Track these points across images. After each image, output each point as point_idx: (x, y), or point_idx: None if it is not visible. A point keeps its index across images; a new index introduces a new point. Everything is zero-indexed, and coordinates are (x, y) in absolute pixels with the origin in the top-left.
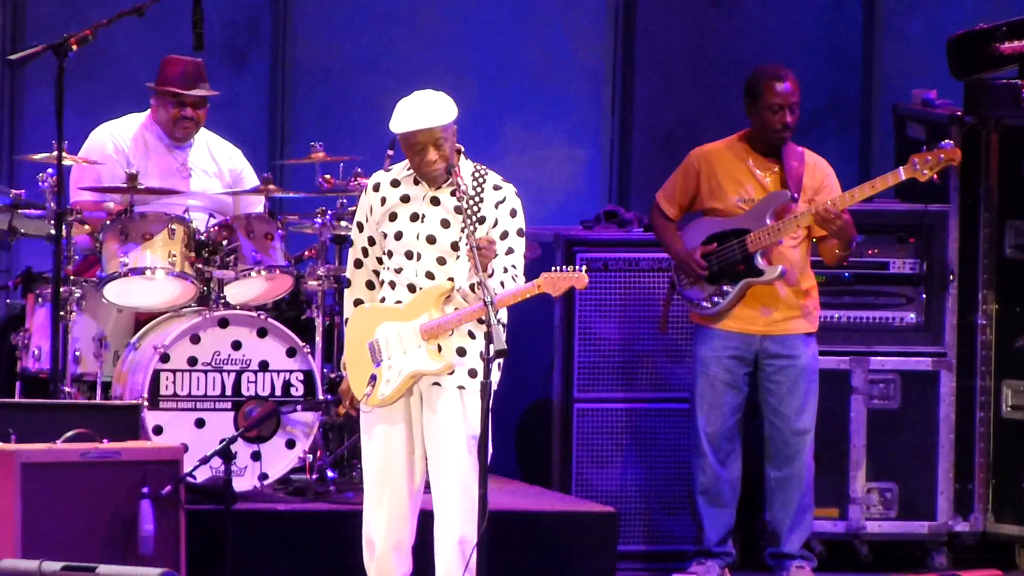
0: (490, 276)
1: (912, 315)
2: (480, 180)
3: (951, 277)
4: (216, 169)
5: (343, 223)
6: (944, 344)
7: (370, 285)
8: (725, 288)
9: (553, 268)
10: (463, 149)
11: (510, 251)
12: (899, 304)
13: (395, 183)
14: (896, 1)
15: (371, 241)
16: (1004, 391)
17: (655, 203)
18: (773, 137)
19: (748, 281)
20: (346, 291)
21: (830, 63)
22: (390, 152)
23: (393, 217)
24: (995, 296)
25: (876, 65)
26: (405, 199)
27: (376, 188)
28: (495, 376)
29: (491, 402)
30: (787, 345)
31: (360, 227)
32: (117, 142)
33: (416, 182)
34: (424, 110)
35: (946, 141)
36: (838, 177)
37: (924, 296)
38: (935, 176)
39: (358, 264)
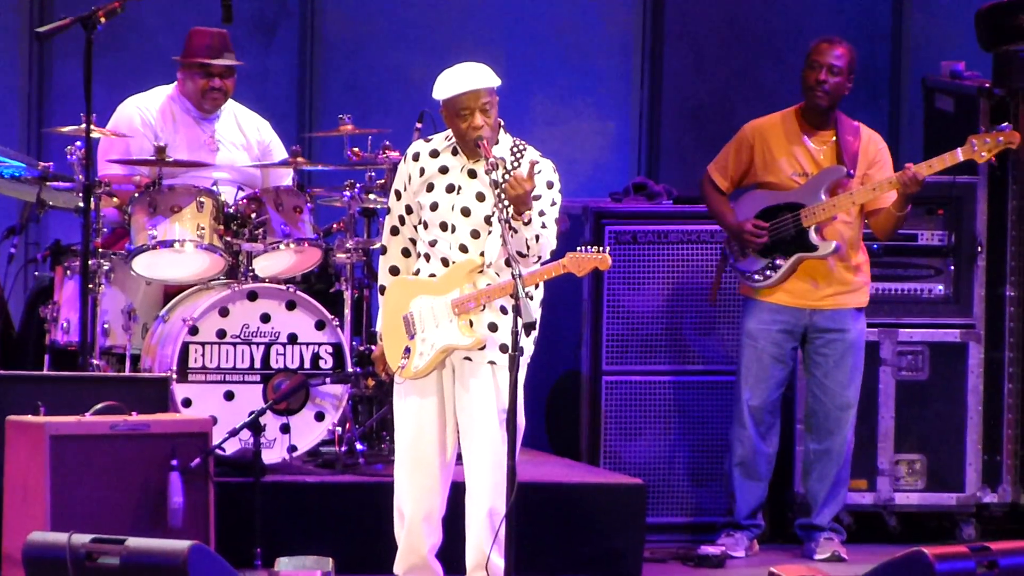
0: (527, 224)
1: (940, 287)
2: (518, 155)
3: (979, 249)
4: (244, 141)
5: (372, 196)
6: (972, 316)
7: (406, 252)
8: (778, 262)
9: (579, 248)
10: (503, 123)
11: (542, 214)
12: (928, 276)
13: (434, 153)
14: None
15: (408, 209)
16: None
17: (707, 175)
18: (807, 96)
19: (801, 256)
20: (381, 257)
21: (859, 34)
22: (419, 125)
23: (430, 188)
24: (1023, 267)
25: (905, 36)
26: (443, 170)
27: (416, 158)
28: (528, 350)
29: (522, 374)
30: (837, 320)
31: (398, 195)
32: (144, 115)
33: (455, 152)
34: (471, 74)
35: (1005, 124)
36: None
37: (952, 268)
38: (993, 159)
39: (394, 231)
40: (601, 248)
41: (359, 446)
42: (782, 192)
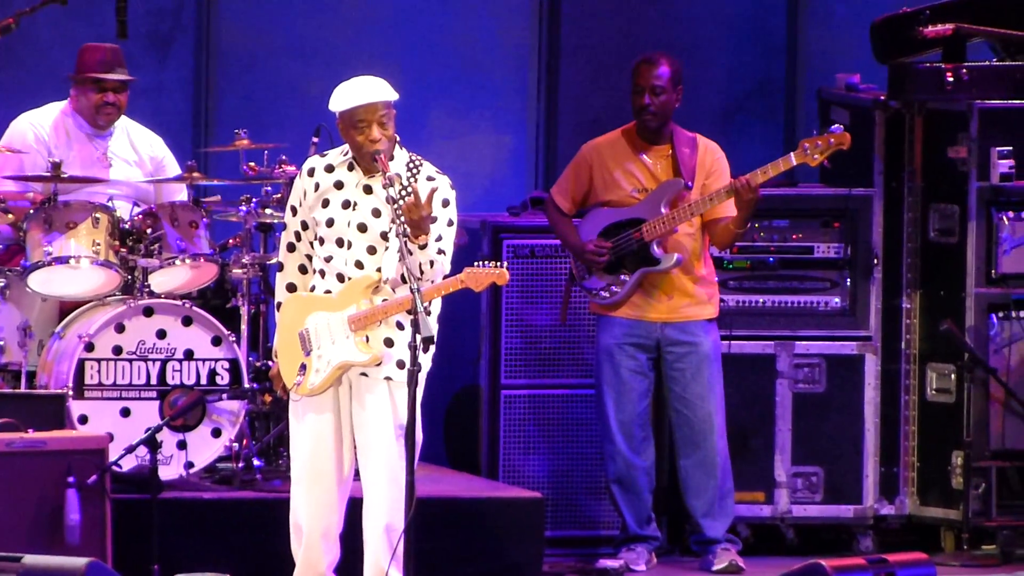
0: (423, 248)
1: (837, 299)
2: (414, 171)
3: (876, 261)
4: (137, 158)
5: (268, 211)
6: (869, 328)
7: (303, 269)
8: (623, 277)
9: (476, 263)
10: (399, 139)
11: (439, 238)
12: (824, 288)
13: (329, 168)
14: None
15: (304, 225)
16: (929, 374)
17: (549, 198)
18: (637, 120)
19: (645, 270)
20: (278, 274)
21: (755, 48)
22: (315, 140)
23: (326, 203)
24: (919, 280)
25: (801, 49)
26: (339, 185)
27: (311, 173)
28: (426, 364)
29: (420, 390)
30: (687, 331)
31: (294, 211)
32: (38, 132)
33: (351, 168)
34: (368, 88)
35: (836, 125)
36: (763, 161)
37: (849, 280)
38: (826, 161)
39: (291, 248)
40: (499, 263)
41: (256, 462)
42: (624, 208)
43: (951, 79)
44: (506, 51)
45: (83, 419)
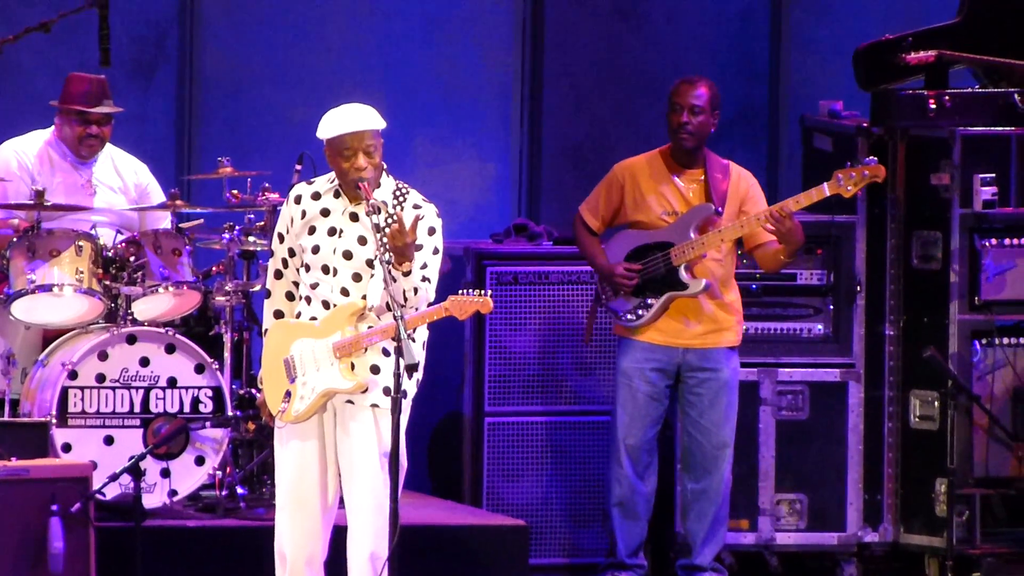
0: (407, 275)
1: (820, 326)
2: (401, 199)
3: (858, 288)
4: (121, 184)
5: (251, 238)
6: (852, 355)
7: (290, 296)
8: (649, 301)
9: (460, 291)
10: (386, 167)
11: (424, 266)
12: (807, 315)
13: (316, 196)
14: (804, 12)
15: (291, 252)
16: (912, 401)
17: (578, 215)
18: (673, 138)
19: (672, 294)
20: (265, 301)
21: (738, 74)
22: (298, 167)
23: (312, 231)
24: (902, 306)
25: (784, 76)
26: (325, 213)
27: (298, 200)
28: (410, 391)
29: (405, 417)
30: (710, 359)
31: (281, 238)
32: (22, 159)
33: (337, 195)
34: (356, 116)
35: (870, 157)
36: None
37: (832, 307)
38: (860, 192)
39: (278, 275)
40: (483, 291)
41: (240, 490)
42: (652, 231)
43: (934, 106)
44: (489, 79)
45: (66, 447)
